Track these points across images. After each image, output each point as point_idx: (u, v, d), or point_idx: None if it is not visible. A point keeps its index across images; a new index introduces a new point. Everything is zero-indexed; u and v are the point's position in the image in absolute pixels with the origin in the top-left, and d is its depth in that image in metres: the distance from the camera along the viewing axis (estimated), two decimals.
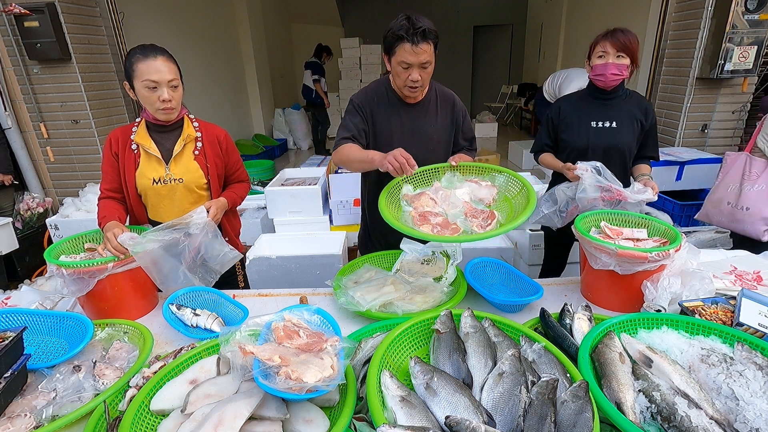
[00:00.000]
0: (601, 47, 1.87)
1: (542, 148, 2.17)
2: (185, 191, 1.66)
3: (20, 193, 3.83)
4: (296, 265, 2.57)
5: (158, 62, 1.49)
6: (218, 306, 1.49)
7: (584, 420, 0.82)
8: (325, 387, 0.88)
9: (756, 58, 3.50)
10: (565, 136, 2.06)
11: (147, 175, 1.62)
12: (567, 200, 1.88)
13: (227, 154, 1.75)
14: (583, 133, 2.01)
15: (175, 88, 1.54)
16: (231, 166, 1.79)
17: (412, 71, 1.58)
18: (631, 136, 1.98)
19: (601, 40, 1.87)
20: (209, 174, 1.68)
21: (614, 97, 1.98)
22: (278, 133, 8.53)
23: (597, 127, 2.00)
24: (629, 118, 1.98)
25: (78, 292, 1.35)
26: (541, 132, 2.19)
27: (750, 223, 2.36)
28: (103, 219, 1.54)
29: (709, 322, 1.12)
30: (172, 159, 1.63)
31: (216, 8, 6.97)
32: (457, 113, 1.84)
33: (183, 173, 1.64)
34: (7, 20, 3.40)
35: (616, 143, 1.98)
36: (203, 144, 1.68)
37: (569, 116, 2.05)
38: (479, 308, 1.35)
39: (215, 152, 1.71)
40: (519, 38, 11.73)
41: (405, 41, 1.52)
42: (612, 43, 1.83)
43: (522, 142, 6.83)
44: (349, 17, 11.51)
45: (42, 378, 1.10)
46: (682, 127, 3.91)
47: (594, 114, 2.00)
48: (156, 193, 1.64)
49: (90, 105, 3.73)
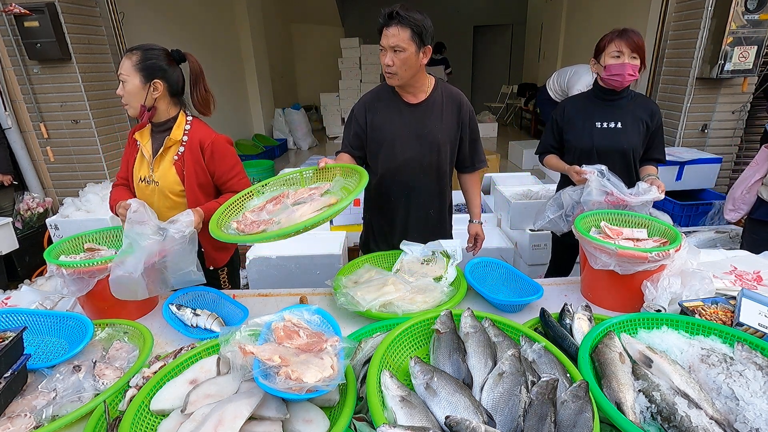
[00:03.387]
0: (616, 47, 1.84)
1: (547, 149, 2.15)
2: (161, 195, 1.66)
3: (20, 193, 3.83)
4: (296, 265, 2.56)
5: None
6: (218, 306, 1.49)
7: (584, 420, 0.82)
8: (325, 387, 0.87)
9: (756, 58, 3.50)
10: (570, 137, 2.05)
11: (137, 172, 1.68)
12: (573, 204, 1.85)
13: (212, 162, 1.65)
14: (587, 133, 1.99)
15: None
16: (221, 175, 1.68)
17: (385, 55, 1.61)
18: (636, 137, 1.96)
19: (615, 39, 1.84)
20: (185, 182, 1.63)
21: (620, 98, 1.96)
22: (278, 133, 8.52)
23: (601, 127, 1.98)
24: (634, 119, 1.96)
25: (78, 292, 1.35)
26: (546, 133, 2.16)
27: (726, 200, 2.52)
28: (114, 202, 1.61)
29: (709, 322, 1.12)
30: (154, 160, 1.64)
31: (216, 8, 6.97)
32: (463, 114, 1.81)
33: (160, 177, 1.64)
34: (7, 20, 3.40)
35: (621, 144, 1.96)
36: (185, 150, 1.63)
37: (574, 117, 2.03)
38: (479, 308, 1.36)
39: (195, 159, 1.63)
40: (519, 38, 11.72)
41: (383, 26, 1.58)
42: (627, 43, 1.82)
43: (522, 142, 6.83)
44: (349, 17, 11.51)
45: (42, 378, 1.10)
46: (682, 127, 3.91)
47: (599, 115, 1.99)
48: (141, 191, 1.69)
49: (90, 105, 3.73)
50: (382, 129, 1.77)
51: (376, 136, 1.77)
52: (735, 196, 2.44)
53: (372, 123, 1.77)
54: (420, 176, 1.81)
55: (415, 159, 1.77)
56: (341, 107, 9.09)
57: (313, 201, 1.40)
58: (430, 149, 1.77)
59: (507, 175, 4.01)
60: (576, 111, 2.04)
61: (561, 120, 2.08)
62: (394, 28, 1.55)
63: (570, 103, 2.09)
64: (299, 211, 1.34)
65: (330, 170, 1.58)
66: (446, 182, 1.90)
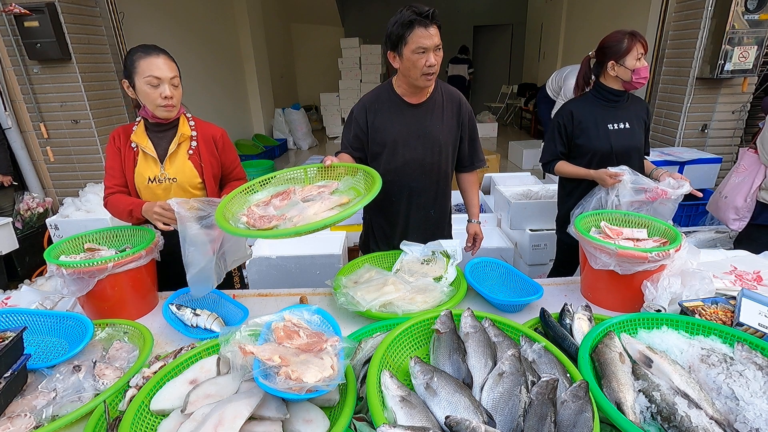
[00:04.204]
0: (637, 49, 1.85)
1: (557, 156, 2.10)
2: (179, 191, 1.66)
3: (20, 193, 3.83)
4: (296, 265, 2.57)
5: (160, 60, 1.51)
6: (218, 306, 1.49)
7: (584, 420, 0.82)
8: (325, 387, 0.87)
9: (756, 58, 3.50)
10: (582, 141, 2.02)
11: (143, 174, 1.64)
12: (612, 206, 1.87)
13: (223, 153, 1.74)
14: (603, 136, 1.99)
15: (175, 87, 1.56)
16: (228, 165, 1.78)
17: (429, 55, 1.56)
18: (641, 135, 2.03)
19: (634, 42, 1.85)
20: (204, 174, 1.68)
21: (622, 99, 2.00)
22: (278, 133, 8.53)
23: (614, 129, 1.99)
24: (637, 118, 2.01)
25: (78, 292, 1.35)
26: (552, 140, 2.11)
27: (724, 210, 2.54)
28: (132, 205, 1.58)
29: (709, 322, 1.12)
30: (167, 158, 1.63)
31: (216, 8, 6.97)
32: (463, 114, 1.81)
33: (177, 173, 1.64)
34: (7, 20, 3.40)
35: (634, 144, 2.00)
36: (198, 143, 1.68)
37: (585, 120, 2.01)
38: (479, 308, 1.36)
39: (210, 151, 1.70)
40: (519, 38, 11.73)
41: (417, 26, 1.52)
42: (643, 45, 1.86)
43: (522, 142, 6.83)
44: (349, 17, 11.52)
45: (42, 378, 1.10)
46: (682, 127, 3.91)
47: (609, 117, 2.00)
48: (151, 192, 1.65)
49: (90, 105, 3.73)
50: (384, 130, 1.75)
51: (378, 137, 1.76)
52: (737, 206, 2.44)
53: (373, 124, 1.76)
54: (421, 177, 1.80)
55: (417, 160, 1.77)
56: (341, 107, 9.10)
57: (323, 199, 1.39)
58: (432, 150, 1.77)
59: (507, 175, 4.01)
60: (585, 115, 2.02)
61: (570, 125, 2.04)
62: (434, 27, 1.54)
63: (576, 107, 2.05)
64: (312, 209, 1.33)
65: (335, 169, 1.58)
66: (447, 183, 1.89)
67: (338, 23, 11.25)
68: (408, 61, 1.58)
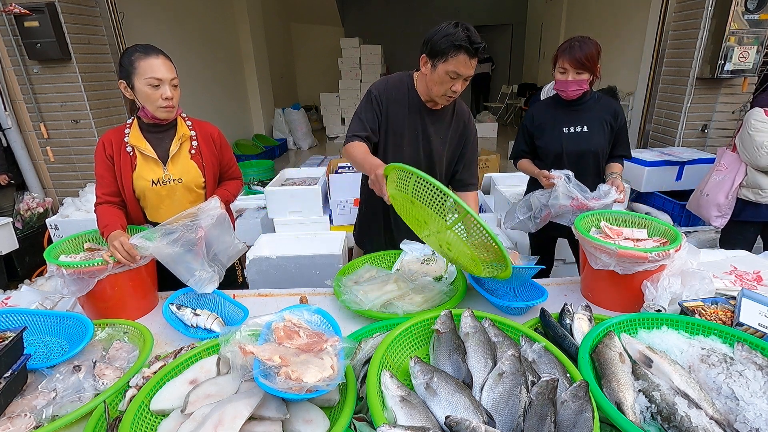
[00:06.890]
0: (561, 64, 1.91)
1: (519, 154, 2.21)
2: (184, 191, 1.66)
3: (20, 193, 3.83)
4: (296, 265, 2.56)
5: (160, 60, 1.50)
6: (218, 306, 1.49)
7: (584, 420, 0.82)
8: (325, 387, 0.87)
9: (756, 58, 3.50)
10: (541, 142, 2.11)
11: (145, 176, 1.60)
12: (541, 207, 1.94)
13: (221, 152, 1.75)
14: (557, 138, 2.05)
15: (175, 87, 1.55)
16: (225, 164, 1.79)
17: (458, 82, 1.55)
18: (602, 138, 2.03)
19: (561, 55, 1.91)
20: (206, 173, 1.68)
21: (583, 102, 2.02)
22: (278, 133, 8.53)
23: (569, 132, 2.04)
24: (599, 121, 2.02)
25: (78, 292, 1.35)
26: (518, 138, 2.23)
27: (706, 207, 2.61)
28: (106, 228, 1.48)
29: (709, 322, 1.12)
30: (169, 159, 1.62)
31: (216, 8, 6.97)
32: (468, 133, 1.82)
33: (181, 173, 1.64)
34: (7, 20, 3.40)
35: (588, 147, 2.03)
36: (199, 143, 1.68)
37: (543, 123, 2.10)
38: (479, 308, 1.35)
39: (210, 150, 1.71)
40: (519, 38, 11.73)
41: (463, 52, 1.49)
42: (570, 61, 1.87)
43: None
44: (349, 17, 11.51)
45: (42, 378, 1.10)
46: (682, 127, 3.91)
47: (565, 120, 2.04)
48: (156, 194, 1.63)
49: (90, 105, 3.73)
50: (396, 123, 1.73)
51: (389, 128, 1.73)
52: (719, 203, 2.52)
53: (387, 110, 1.72)
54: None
55: (417, 161, 1.77)
56: (341, 107, 9.10)
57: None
58: (431, 157, 1.77)
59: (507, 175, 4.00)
60: (544, 117, 2.10)
61: (531, 126, 2.14)
62: (476, 60, 1.52)
63: (537, 110, 2.14)
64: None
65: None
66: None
67: (338, 23, 11.25)
68: (438, 76, 1.56)
